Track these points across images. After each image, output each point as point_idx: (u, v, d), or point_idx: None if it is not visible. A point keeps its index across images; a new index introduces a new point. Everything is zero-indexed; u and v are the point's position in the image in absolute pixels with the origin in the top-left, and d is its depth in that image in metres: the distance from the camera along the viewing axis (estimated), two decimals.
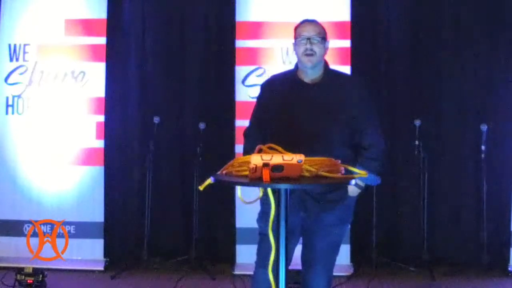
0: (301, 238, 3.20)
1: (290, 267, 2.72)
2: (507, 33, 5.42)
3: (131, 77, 5.67)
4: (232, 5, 5.38)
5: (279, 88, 3.16)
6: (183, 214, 5.58)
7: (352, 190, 3.08)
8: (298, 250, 3.18)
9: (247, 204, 2.64)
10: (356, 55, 5.32)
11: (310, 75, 3.12)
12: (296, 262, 3.17)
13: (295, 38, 3.12)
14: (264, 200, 3.00)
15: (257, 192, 2.65)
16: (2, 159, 5.34)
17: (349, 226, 3.42)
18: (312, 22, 3.15)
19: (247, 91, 5.24)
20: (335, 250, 3.19)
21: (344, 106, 3.07)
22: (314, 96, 3.07)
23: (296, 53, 3.12)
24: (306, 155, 2.32)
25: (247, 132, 3.22)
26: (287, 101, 3.07)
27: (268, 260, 3.07)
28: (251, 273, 3.23)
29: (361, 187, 3.10)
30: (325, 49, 3.14)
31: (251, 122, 3.23)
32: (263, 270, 3.11)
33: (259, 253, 3.16)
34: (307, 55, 3.05)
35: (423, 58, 5.56)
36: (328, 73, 3.17)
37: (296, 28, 3.16)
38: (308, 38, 3.06)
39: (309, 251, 3.14)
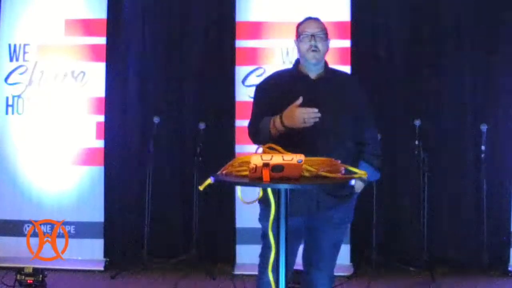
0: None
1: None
2: (507, 33, 5.42)
3: (131, 77, 5.67)
4: (232, 5, 5.38)
5: (283, 85, 3.13)
6: (183, 214, 5.58)
7: (359, 185, 3.10)
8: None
9: (247, 204, 2.64)
10: (356, 55, 5.32)
11: (313, 72, 3.13)
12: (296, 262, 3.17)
13: (299, 35, 3.12)
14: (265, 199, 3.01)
15: (257, 192, 2.65)
16: (2, 159, 5.34)
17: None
18: (316, 19, 3.18)
19: (247, 91, 5.24)
20: (338, 249, 3.20)
21: (349, 101, 3.10)
22: (321, 91, 3.08)
23: (299, 50, 3.12)
24: (319, 150, 2.36)
25: (251, 124, 3.15)
26: (296, 96, 3.00)
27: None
28: (251, 273, 3.25)
29: (365, 182, 3.12)
30: (327, 47, 3.15)
31: (254, 118, 3.15)
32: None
33: (264, 255, 3.14)
34: (312, 51, 3.07)
35: (423, 58, 5.56)
36: (329, 70, 3.20)
37: (299, 25, 3.17)
38: (313, 35, 3.08)
39: (314, 251, 3.13)
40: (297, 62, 3.19)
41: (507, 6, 5.42)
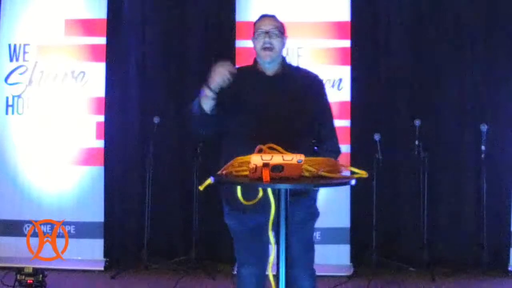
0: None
1: None
2: (507, 33, 5.42)
3: (131, 77, 5.67)
4: (232, 5, 5.38)
5: (240, 80, 3.14)
6: (183, 214, 5.58)
7: None
8: None
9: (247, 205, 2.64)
10: (356, 55, 5.32)
11: (269, 69, 3.13)
12: None
13: (254, 32, 3.14)
14: (229, 195, 3.05)
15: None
16: (2, 159, 5.34)
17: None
18: (271, 17, 3.19)
19: None
20: (311, 246, 3.17)
21: (305, 97, 3.10)
22: (276, 88, 3.09)
23: (255, 48, 3.13)
24: (265, 144, 2.40)
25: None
26: (250, 92, 3.08)
27: (250, 258, 3.13)
28: None
29: None
30: (283, 45, 3.15)
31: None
32: (246, 269, 3.13)
33: (239, 252, 3.20)
34: (265, 48, 3.06)
35: (423, 58, 5.56)
36: (287, 66, 3.20)
37: (255, 24, 3.18)
38: (267, 32, 3.08)
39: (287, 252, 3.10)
40: (255, 60, 3.20)
41: (507, 6, 5.42)
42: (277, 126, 2.95)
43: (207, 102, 3.00)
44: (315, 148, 3.08)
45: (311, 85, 3.17)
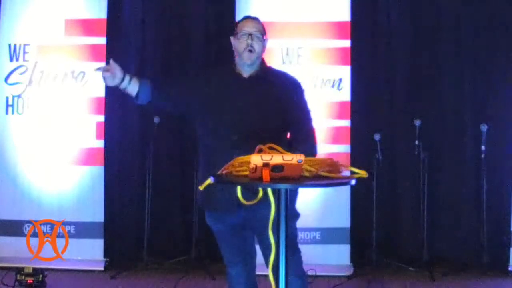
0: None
1: None
2: (508, 33, 5.42)
3: None
4: (232, 5, 5.38)
5: (215, 79, 3.19)
6: (183, 214, 5.58)
7: None
8: None
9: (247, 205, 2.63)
10: (356, 55, 5.32)
11: (247, 71, 3.14)
12: None
13: (236, 33, 3.14)
14: (201, 196, 3.07)
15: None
16: (2, 159, 5.34)
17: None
18: (254, 19, 3.20)
19: None
20: (294, 246, 3.11)
21: (280, 99, 3.09)
22: (250, 89, 3.09)
23: (236, 48, 3.14)
24: (249, 148, 2.41)
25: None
26: (224, 93, 3.09)
27: (233, 257, 3.16)
28: None
29: None
30: (263, 47, 3.16)
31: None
32: (233, 269, 3.17)
33: (224, 252, 3.22)
34: (248, 51, 3.08)
35: (423, 58, 5.56)
36: (265, 69, 3.20)
37: (237, 24, 3.20)
38: (250, 34, 3.09)
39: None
40: (233, 61, 3.21)
41: (508, 7, 5.42)
42: (250, 127, 2.95)
43: (128, 91, 3.21)
44: None
45: (287, 87, 3.16)
